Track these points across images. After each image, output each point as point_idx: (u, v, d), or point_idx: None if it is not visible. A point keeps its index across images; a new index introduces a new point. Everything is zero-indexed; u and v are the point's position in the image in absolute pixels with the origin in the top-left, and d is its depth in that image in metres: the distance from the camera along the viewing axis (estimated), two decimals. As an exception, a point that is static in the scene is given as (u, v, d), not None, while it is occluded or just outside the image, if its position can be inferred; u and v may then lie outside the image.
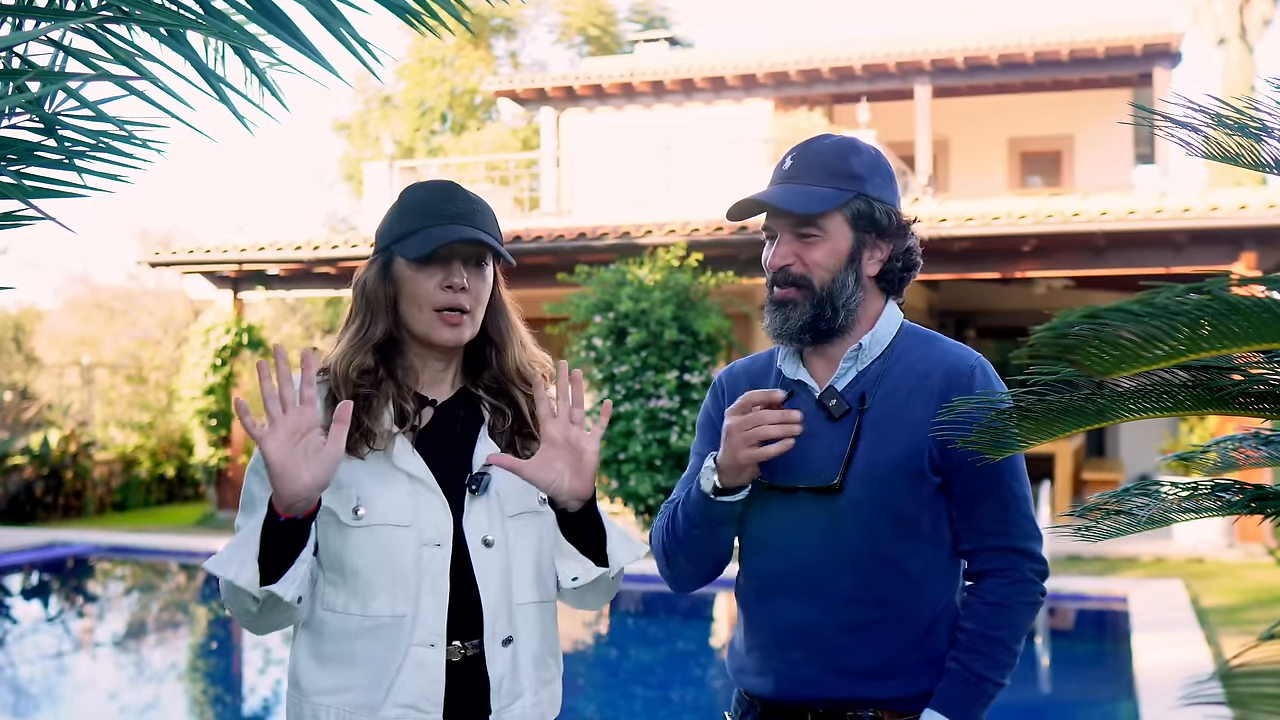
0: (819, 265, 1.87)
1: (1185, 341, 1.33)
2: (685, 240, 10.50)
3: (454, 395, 1.91)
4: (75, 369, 15.74)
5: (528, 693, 1.82)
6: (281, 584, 1.68)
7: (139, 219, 36.83)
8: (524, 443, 1.88)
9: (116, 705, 6.56)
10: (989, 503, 1.85)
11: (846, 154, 1.90)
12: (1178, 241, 9.97)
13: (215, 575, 1.70)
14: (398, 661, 1.75)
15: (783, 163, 1.92)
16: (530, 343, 1.97)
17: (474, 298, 1.83)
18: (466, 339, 1.85)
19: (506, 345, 1.92)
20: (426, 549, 1.77)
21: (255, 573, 1.67)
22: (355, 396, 1.79)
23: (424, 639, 1.75)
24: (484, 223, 1.84)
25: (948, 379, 1.86)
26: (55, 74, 1.48)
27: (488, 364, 1.92)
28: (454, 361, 1.92)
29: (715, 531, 1.90)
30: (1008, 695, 1.88)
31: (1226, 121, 1.56)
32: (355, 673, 1.76)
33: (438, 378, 1.90)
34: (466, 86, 24.39)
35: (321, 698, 1.78)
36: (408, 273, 1.83)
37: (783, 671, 1.87)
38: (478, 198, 1.88)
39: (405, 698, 1.74)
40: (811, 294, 1.88)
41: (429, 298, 1.81)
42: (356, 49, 1.44)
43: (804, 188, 1.87)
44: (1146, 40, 13.41)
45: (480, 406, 1.90)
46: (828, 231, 1.88)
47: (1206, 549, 9.85)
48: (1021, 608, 1.84)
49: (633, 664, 7.60)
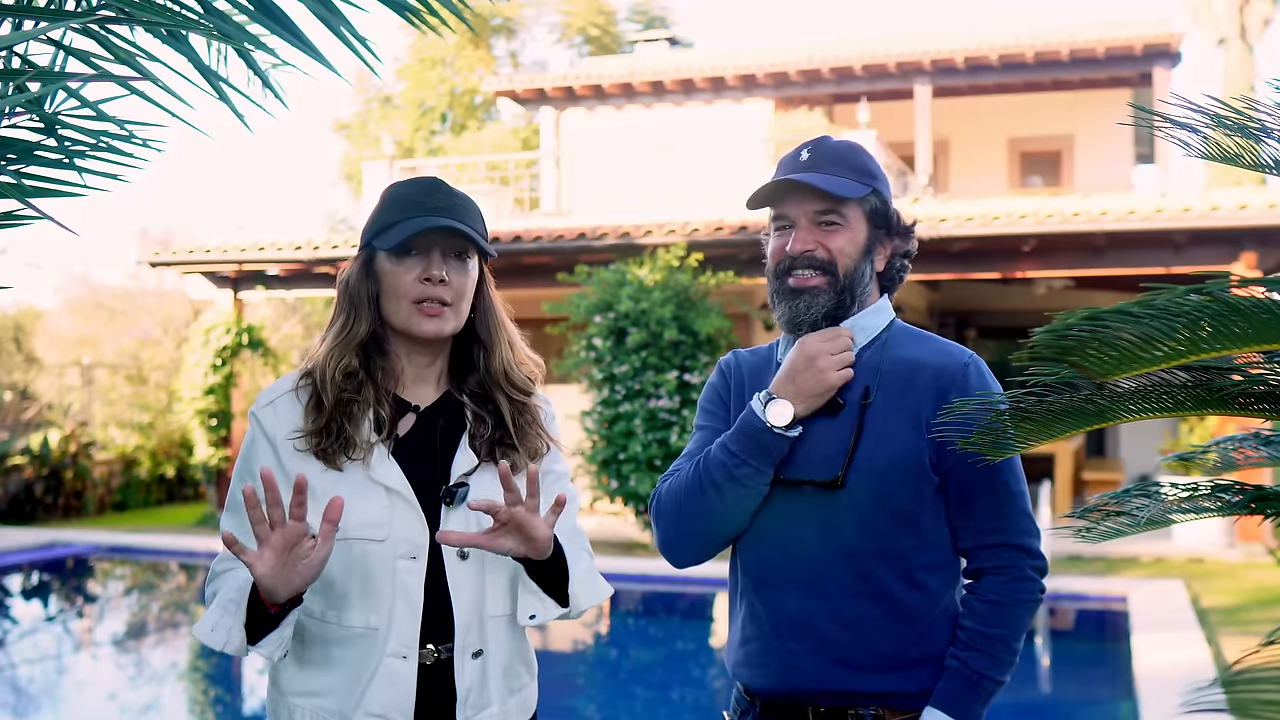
0: (842, 252, 1.89)
1: (1185, 342, 1.33)
2: (685, 240, 10.49)
3: (437, 401, 1.89)
4: (75, 369, 15.74)
5: (495, 703, 1.82)
6: (268, 646, 1.69)
7: (139, 219, 36.84)
8: (504, 452, 1.86)
9: (116, 705, 6.55)
10: (987, 500, 1.86)
11: (860, 152, 1.95)
12: (1178, 242, 9.97)
13: (205, 642, 1.69)
14: (370, 671, 1.75)
15: (797, 154, 1.93)
16: (520, 344, 1.96)
17: (455, 291, 1.82)
18: (448, 332, 1.84)
19: (495, 345, 1.90)
20: (402, 562, 1.77)
21: (243, 640, 1.68)
22: (339, 401, 1.78)
23: (396, 650, 1.75)
24: (465, 216, 1.83)
25: (943, 376, 1.87)
26: (55, 74, 1.48)
27: (475, 366, 1.90)
28: (439, 360, 1.90)
29: (760, 474, 1.85)
30: (1008, 695, 1.88)
31: (1226, 122, 1.56)
32: (330, 678, 1.77)
33: (422, 376, 1.89)
34: (466, 86, 24.38)
35: (297, 699, 1.80)
36: (388, 266, 1.82)
37: (783, 663, 1.87)
38: (461, 193, 1.87)
39: (376, 707, 1.75)
40: (835, 281, 1.89)
41: (408, 290, 1.81)
42: (357, 48, 1.44)
43: (826, 176, 1.88)
44: (1146, 40, 13.41)
45: (463, 413, 1.88)
46: (849, 221, 1.90)
47: (1206, 549, 9.85)
48: (1021, 605, 1.84)
49: (633, 664, 7.60)
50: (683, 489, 1.91)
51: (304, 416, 1.80)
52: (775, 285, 1.93)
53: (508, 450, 1.86)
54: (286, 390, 1.85)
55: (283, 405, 1.83)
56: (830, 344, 1.86)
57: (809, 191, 1.88)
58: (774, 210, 1.94)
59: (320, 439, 1.78)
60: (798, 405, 1.84)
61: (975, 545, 1.87)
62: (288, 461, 1.79)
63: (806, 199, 1.89)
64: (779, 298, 1.93)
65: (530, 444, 1.90)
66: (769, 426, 1.83)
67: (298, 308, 17.68)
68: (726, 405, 2.02)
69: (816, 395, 1.85)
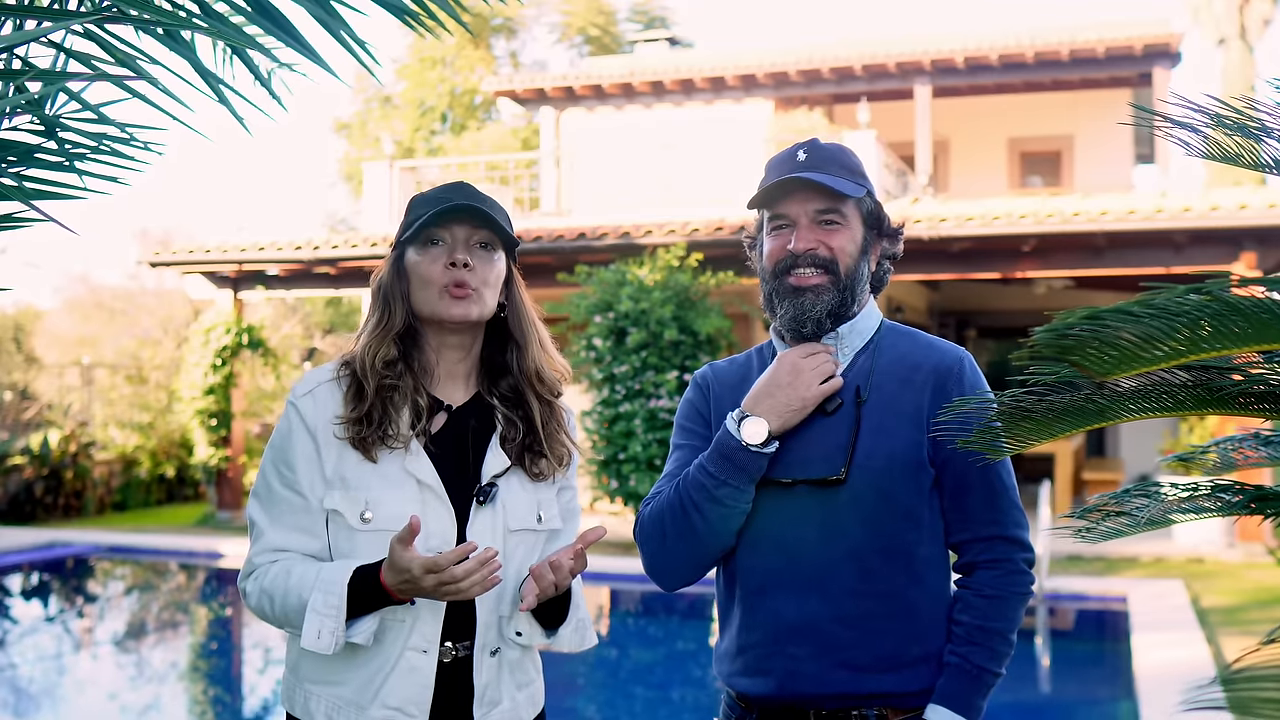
0: (843, 251, 1.90)
1: (1185, 342, 1.33)
2: (685, 240, 10.49)
3: (469, 401, 1.92)
4: (75, 369, 15.74)
5: (505, 699, 1.85)
6: (363, 632, 1.75)
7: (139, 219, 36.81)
8: (533, 458, 1.90)
9: (116, 705, 6.55)
10: (981, 493, 1.87)
11: (851, 154, 1.97)
12: (1178, 242, 9.97)
13: (312, 650, 1.73)
14: (390, 664, 1.78)
15: (793, 155, 1.93)
16: (550, 346, 1.99)
17: (480, 278, 1.86)
18: (475, 316, 1.86)
19: (527, 343, 1.93)
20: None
21: (343, 636, 1.73)
22: (380, 388, 1.81)
23: (418, 644, 1.78)
24: (488, 208, 1.87)
25: (938, 372, 1.89)
26: (56, 75, 1.48)
27: (507, 367, 1.93)
28: (470, 355, 1.93)
29: (741, 493, 1.85)
30: (1008, 695, 1.88)
31: (1226, 121, 1.56)
32: (349, 670, 1.79)
33: (453, 373, 1.92)
34: (466, 86, 24.38)
35: (315, 687, 1.82)
36: (415, 259, 1.87)
37: (785, 669, 1.87)
38: (486, 194, 1.92)
39: (394, 700, 1.77)
40: (837, 280, 1.90)
41: (434, 277, 1.85)
42: (355, 50, 1.44)
43: (828, 176, 1.89)
44: (1146, 40, 13.40)
45: (494, 416, 1.91)
46: (849, 220, 1.92)
47: (1206, 549, 9.85)
48: (1015, 598, 1.86)
49: (633, 664, 7.60)
50: (665, 512, 1.91)
51: (344, 404, 1.83)
52: (774, 285, 1.93)
53: (536, 456, 1.90)
54: (326, 379, 1.87)
55: (322, 393, 1.85)
56: (810, 359, 1.88)
57: (812, 190, 1.89)
58: (770, 210, 1.94)
59: (361, 427, 1.80)
60: (773, 421, 1.84)
61: (971, 538, 1.89)
62: (325, 451, 1.81)
63: (808, 198, 1.89)
64: (780, 297, 1.92)
65: (557, 449, 1.93)
66: (744, 445, 1.83)
67: (298, 308, 17.68)
68: (707, 421, 2.01)
69: (795, 410, 1.85)
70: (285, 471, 1.82)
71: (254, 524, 1.84)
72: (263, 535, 1.82)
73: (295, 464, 1.81)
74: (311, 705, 1.81)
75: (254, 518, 1.84)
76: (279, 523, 1.80)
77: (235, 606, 9.26)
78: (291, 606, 1.75)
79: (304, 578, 1.76)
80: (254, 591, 1.80)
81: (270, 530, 1.82)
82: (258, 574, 1.81)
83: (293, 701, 1.85)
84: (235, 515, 12.62)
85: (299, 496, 1.81)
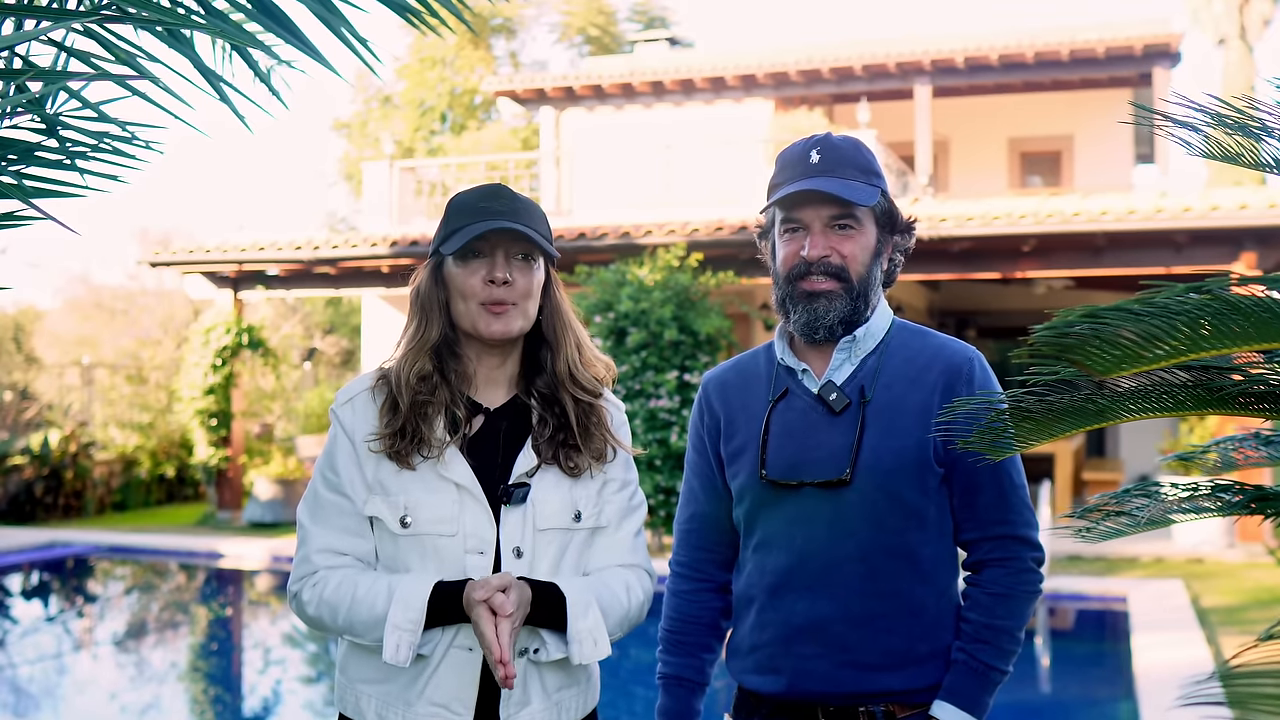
0: (855, 258, 1.89)
1: (1185, 341, 1.33)
2: (685, 240, 10.49)
3: (506, 403, 1.93)
4: (75, 369, 15.74)
5: (535, 699, 1.85)
6: (430, 643, 1.79)
7: (139, 219, 36.84)
8: (568, 455, 1.90)
9: (116, 705, 6.55)
10: (991, 492, 1.87)
11: (864, 150, 1.93)
12: (1178, 241, 9.97)
13: (391, 662, 1.77)
14: (437, 660, 1.81)
15: (806, 155, 1.90)
16: (589, 345, 1.98)
17: (520, 292, 1.86)
18: (515, 332, 1.87)
19: (561, 346, 1.93)
20: (470, 557, 1.82)
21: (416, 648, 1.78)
22: (414, 404, 1.84)
23: (464, 642, 1.80)
24: (527, 219, 1.87)
25: (948, 371, 1.88)
26: (56, 74, 1.48)
27: (543, 368, 1.94)
28: (509, 362, 1.93)
29: None
30: (1008, 695, 1.88)
31: (1226, 121, 1.56)
32: (398, 667, 1.81)
33: (493, 379, 1.93)
34: (466, 86, 24.38)
35: (365, 686, 1.85)
36: (454, 270, 1.88)
37: (794, 668, 1.88)
38: (524, 197, 1.92)
39: (440, 697, 1.80)
40: (850, 287, 1.89)
41: (474, 292, 1.85)
42: (356, 48, 1.44)
43: (843, 181, 1.87)
44: (1146, 40, 13.40)
45: (529, 414, 1.92)
46: (863, 224, 1.90)
47: (1206, 549, 9.85)
48: (1023, 596, 1.86)
49: (633, 664, 7.60)
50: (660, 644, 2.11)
51: (379, 417, 1.86)
52: (787, 290, 1.91)
53: (572, 453, 1.90)
54: (364, 389, 1.90)
55: (360, 404, 1.88)
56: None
57: (824, 197, 1.87)
58: (783, 213, 1.92)
59: (395, 440, 1.83)
60: None
61: (980, 537, 1.89)
62: (364, 459, 1.85)
63: (821, 204, 1.87)
64: (793, 302, 1.91)
65: (595, 446, 1.92)
66: None
67: (298, 308, 17.69)
68: (705, 445, 2.03)
69: None
70: (331, 476, 1.87)
71: (302, 526, 1.87)
72: (311, 538, 1.86)
73: (340, 469, 1.86)
74: (363, 705, 1.85)
75: (302, 520, 1.88)
76: (327, 524, 1.85)
77: (235, 606, 9.25)
78: (360, 618, 1.79)
79: (374, 590, 1.79)
80: (312, 600, 1.83)
81: (318, 532, 1.86)
82: (317, 582, 1.84)
83: (344, 702, 1.88)
84: (235, 515, 12.62)
85: (345, 500, 1.85)
